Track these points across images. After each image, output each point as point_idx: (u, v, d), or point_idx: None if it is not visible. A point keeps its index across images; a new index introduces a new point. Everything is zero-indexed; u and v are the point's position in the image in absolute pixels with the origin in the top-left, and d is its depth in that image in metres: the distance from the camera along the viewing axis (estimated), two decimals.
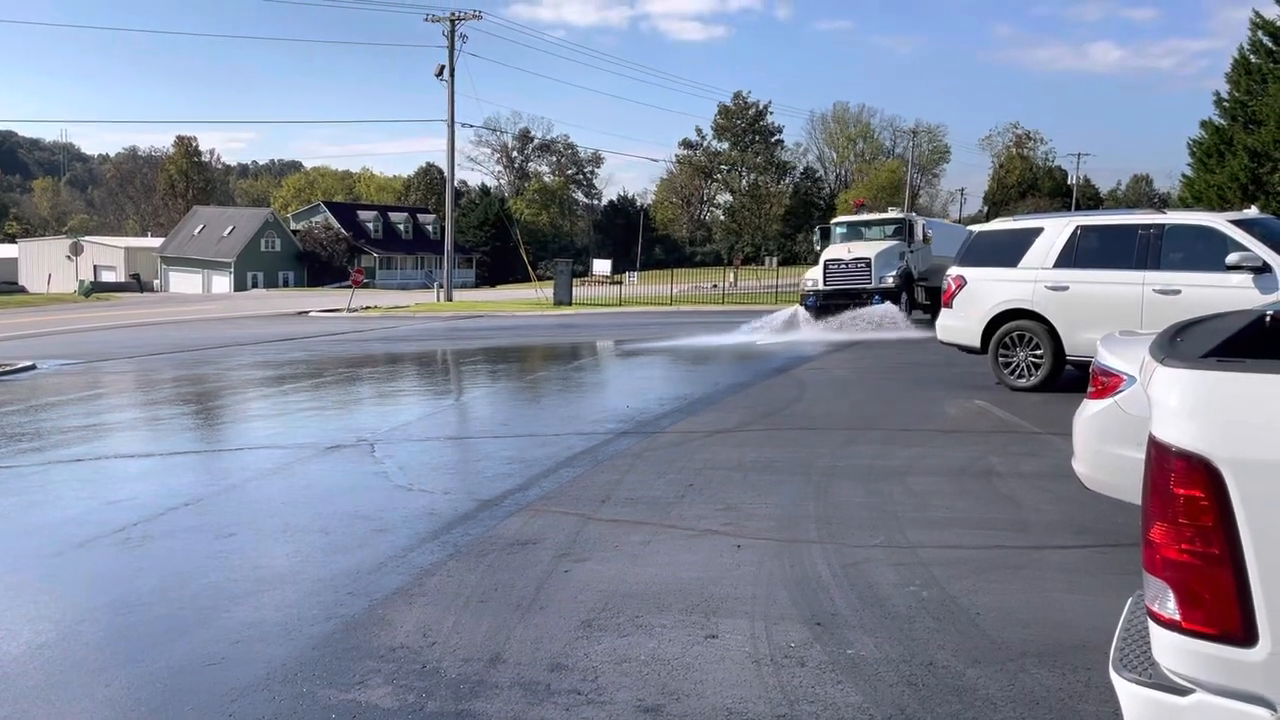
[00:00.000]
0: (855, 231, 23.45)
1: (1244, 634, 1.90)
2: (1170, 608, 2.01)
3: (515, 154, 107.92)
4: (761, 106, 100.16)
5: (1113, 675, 2.18)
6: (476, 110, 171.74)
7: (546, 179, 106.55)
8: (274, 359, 19.85)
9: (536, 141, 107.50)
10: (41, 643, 4.81)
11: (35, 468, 9.25)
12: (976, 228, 12.94)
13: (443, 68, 42.42)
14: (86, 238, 79.59)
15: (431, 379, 17.48)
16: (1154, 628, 2.06)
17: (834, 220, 25.34)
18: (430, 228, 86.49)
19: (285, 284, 77.36)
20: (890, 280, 21.16)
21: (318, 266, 79.39)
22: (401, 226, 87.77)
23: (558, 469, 8.20)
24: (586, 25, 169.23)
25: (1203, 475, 1.93)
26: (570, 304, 37.24)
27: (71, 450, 10.10)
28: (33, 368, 18.58)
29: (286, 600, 5.24)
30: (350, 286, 45.00)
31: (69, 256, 69.51)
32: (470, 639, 4.59)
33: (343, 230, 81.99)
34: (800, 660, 4.22)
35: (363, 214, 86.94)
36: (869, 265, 21.44)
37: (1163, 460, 2.00)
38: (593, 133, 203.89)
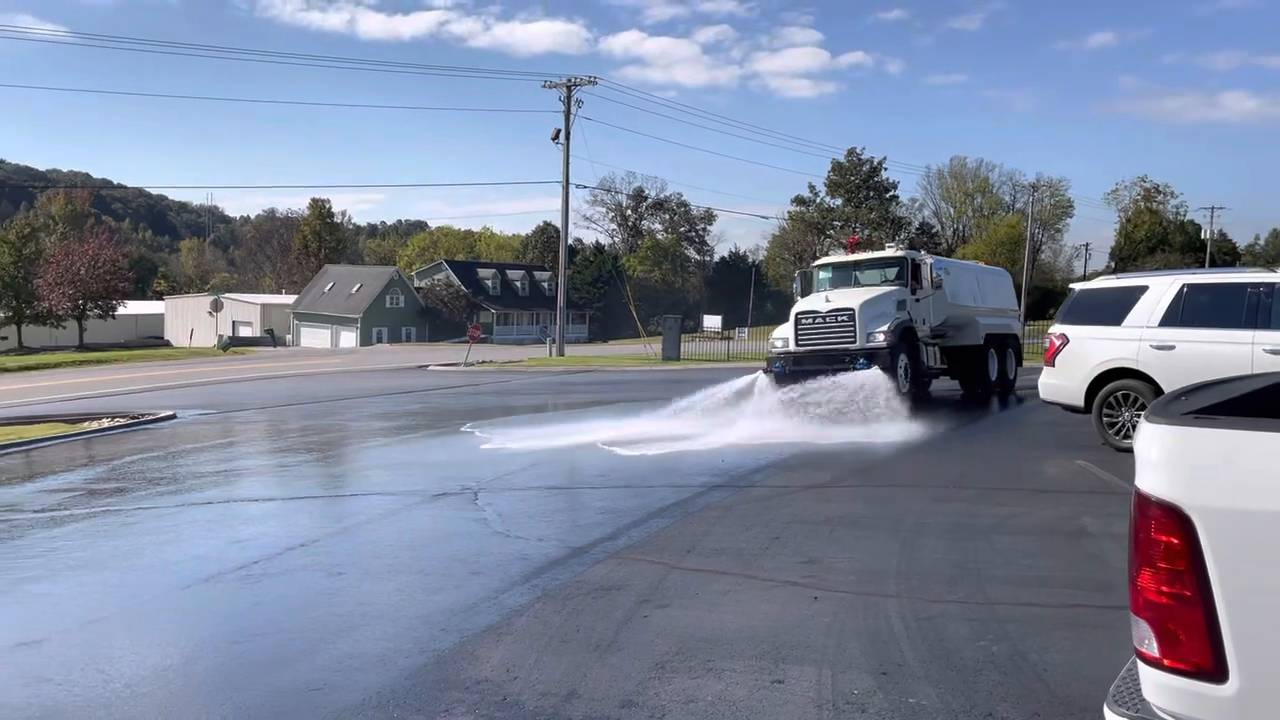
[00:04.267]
0: (844, 275, 18.43)
1: (1215, 670, 2.04)
2: (1152, 646, 2.16)
3: (629, 212, 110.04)
4: (876, 163, 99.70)
5: (1105, 711, 2.32)
6: (593, 171, 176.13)
7: (659, 236, 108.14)
8: (392, 410, 20.77)
9: (650, 200, 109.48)
10: (168, 665, 5.32)
11: (171, 509, 10.02)
12: (1079, 285, 12.76)
13: (558, 131, 43.92)
14: (226, 295, 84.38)
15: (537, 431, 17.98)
16: (1141, 666, 2.21)
17: (816, 263, 20.16)
18: (546, 284, 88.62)
19: (408, 339, 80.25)
20: (881, 337, 15.89)
21: (439, 322, 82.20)
22: (518, 283, 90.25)
23: (648, 519, 8.47)
24: (697, 85, 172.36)
25: (1176, 523, 2.09)
26: (678, 359, 37.61)
27: (204, 494, 10.89)
28: (173, 417, 19.93)
29: (385, 634, 5.64)
30: (467, 341, 46.52)
31: (210, 313, 73.95)
32: (550, 675, 4.88)
33: (463, 287, 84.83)
34: (861, 707, 4.36)
35: (482, 271, 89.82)
36: (852, 318, 16.16)
37: (1144, 509, 2.17)
38: (705, 191, 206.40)
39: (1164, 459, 2.16)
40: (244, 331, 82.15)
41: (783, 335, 17.16)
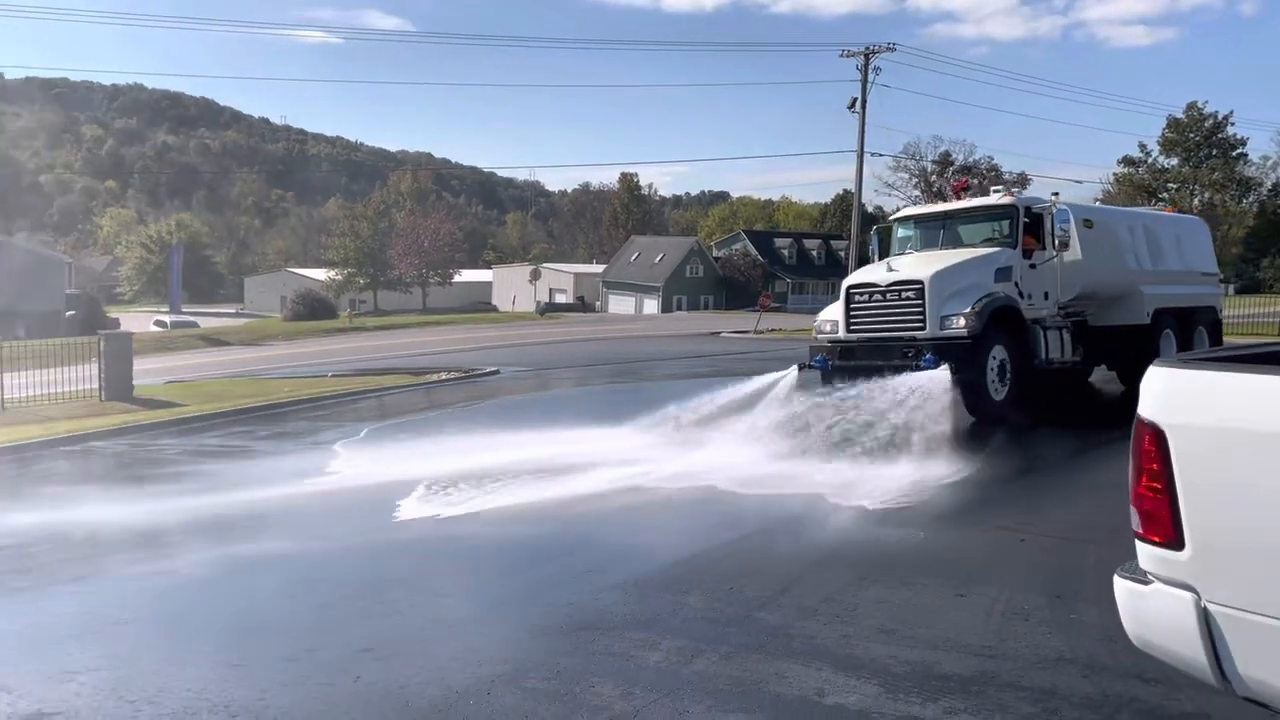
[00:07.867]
0: (934, 233, 13.40)
1: (1177, 541, 2.81)
2: (1140, 526, 2.95)
3: (934, 178, 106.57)
4: (1220, 117, 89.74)
5: (1115, 577, 3.11)
6: (890, 139, 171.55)
7: None
8: (681, 372, 22.50)
9: (957, 164, 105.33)
10: (467, 565, 7.04)
11: (489, 451, 12.10)
12: None
13: (855, 100, 43.92)
14: (544, 265, 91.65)
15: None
16: (1136, 543, 2.99)
17: (896, 215, 14.90)
18: (842, 254, 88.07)
19: (705, 307, 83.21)
20: (961, 321, 11.38)
21: (735, 290, 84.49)
22: (814, 252, 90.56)
23: None
24: (1012, 39, 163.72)
25: (1155, 436, 2.86)
26: None
27: (505, 437, 12.87)
28: (496, 373, 22.90)
29: (647, 543, 7.12)
30: (758, 310, 47.93)
31: (530, 281, 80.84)
32: (770, 577, 6.02)
33: (759, 256, 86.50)
34: (1025, 616, 5.13)
35: (778, 241, 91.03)
36: (920, 294, 11.70)
37: (1140, 428, 2.94)
38: (1017, 156, 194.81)
39: (1156, 390, 2.92)
40: (559, 298, 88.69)
41: (830, 317, 12.99)
